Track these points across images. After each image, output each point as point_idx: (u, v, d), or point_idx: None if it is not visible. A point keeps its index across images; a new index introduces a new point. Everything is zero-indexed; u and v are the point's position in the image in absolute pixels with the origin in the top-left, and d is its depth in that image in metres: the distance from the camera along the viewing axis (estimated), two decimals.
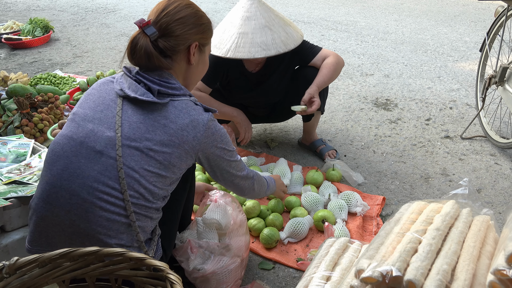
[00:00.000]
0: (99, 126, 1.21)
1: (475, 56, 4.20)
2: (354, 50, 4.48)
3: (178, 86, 1.27)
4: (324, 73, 2.12)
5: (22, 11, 6.75)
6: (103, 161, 1.17)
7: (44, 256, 0.99)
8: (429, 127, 2.82)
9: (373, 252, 0.96)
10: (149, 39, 1.23)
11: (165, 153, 1.20)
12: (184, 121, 1.23)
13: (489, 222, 1.09)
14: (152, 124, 1.20)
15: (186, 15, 1.29)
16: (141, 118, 1.21)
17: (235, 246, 1.50)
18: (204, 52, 1.40)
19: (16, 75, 3.32)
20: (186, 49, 1.31)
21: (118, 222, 1.17)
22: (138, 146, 1.18)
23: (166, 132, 1.20)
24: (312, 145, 2.51)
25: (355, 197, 1.99)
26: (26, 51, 4.66)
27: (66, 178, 1.16)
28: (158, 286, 1.02)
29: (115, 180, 1.16)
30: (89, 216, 1.15)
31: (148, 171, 1.19)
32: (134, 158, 1.18)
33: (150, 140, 1.19)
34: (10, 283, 0.97)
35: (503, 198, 2.09)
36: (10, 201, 1.49)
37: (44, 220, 1.19)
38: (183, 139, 1.22)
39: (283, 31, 2.06)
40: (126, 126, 1.20)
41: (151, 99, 1.20)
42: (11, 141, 2.01)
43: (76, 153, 1.18)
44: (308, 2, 7.11)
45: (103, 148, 1.18)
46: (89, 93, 1.32)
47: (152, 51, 1.22)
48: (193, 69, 1.38)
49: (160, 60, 1.24)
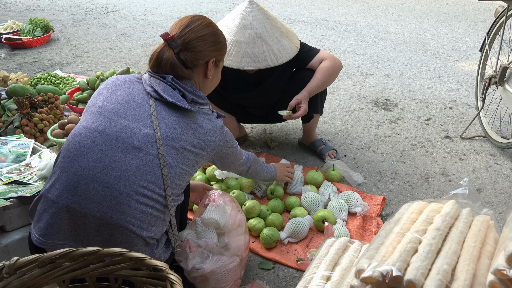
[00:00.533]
0: (134, 123, 1.28)
1: (475, 56, 4.20)
2: (354, 50, 4.48)
3: (203, 95, 1.42)
4: (317, 78, 2.12)
5: (22, 11, 6.75)
6: (142, 157, 1.24)
7: (44, 256, 0.99)
8: (429, 127, 2.82)
9: (373, 252, 0.96)
10: (173, 51, 1.36)
11: (194, 153, 1.35)
12: (208, 126, 1.39)
13: (489, 222, 1.09)
14: (185, 127, 1.33)
15: (207, 33, 1.43)
16: (176, 120, 1.32)
17: (234, 245, 1.50)
18: (218, 67, 1.54)
19: (16, 75, 3.32)
20: (204, 64, 1.46)
21: (152, 215, 1.24)
22: (175, 145, 1.29)
23: (196, 136, 1.35)
24: (312, 145, 2.51)
25: (355, 197, 1.99)
26: (26, 51, 4.66)
27: (99, 170, 1.20)
28: (158, 286, 1.02)
29: (157, 176, 1.25)
30: (124, 208, 1.19)
31: (182, 169, 1.31)
32: (172, 156, 1.28)
33: (184, 140, 1.32)
34: (10, 283, 0.97)
35: (503, 198, 2.09)
36: (10, 201, 1.49)
37: (69, 212, 1.19)
38: (207, 142, 1.39)
39: (278, 44, 2.05)
40: (163, 126, 1.30)
41: (187, 106, 1.33)
42: (11, 141, 2.01)
43: (111, 146, 1.23)
44: (308, 2, 7.11)
45: (142, 144, 1.25)
46: (113, 89, 1.38)
47: (177, 63, 1.36)
48: (208, 82, 1.53)
49: (182, 70, 1.38)
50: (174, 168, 1.29)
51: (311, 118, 2.37)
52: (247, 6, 2.06)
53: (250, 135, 2.75)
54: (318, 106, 2.29)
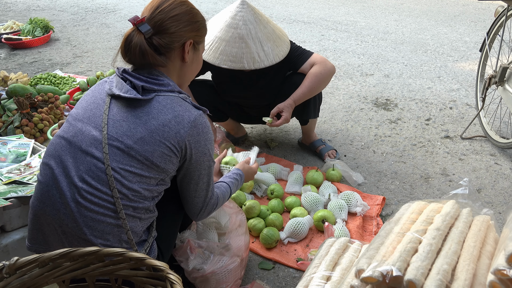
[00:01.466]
0: (87, 125, 1.22)
1: (475, 56, 4.20)
2: (354, 50, 4.48)
3: (166, 82, 1.25)
4: (305, 85, 2.12)
5: (22, 11, 6.75)
6: (88, 161, 1.17)
7: (44, 256, 0.99)
8: (429, 127, 2.82)
9: (373, 252, 0.96)
10: (143, 36, 1.21)
11: (146, 151, 1.17)
12: (167, 116, 1.20)
13: (489, 222, 1.09)
14: (134, 121, 1.19)
15: (181, 12, 1.27)
16: (124, 116, 1.20)
17: (235, 245, 1.50)
18: (198, 50, 1.38)
19: (16, 75, 3.32)
20: (180, 47, 1.29)
21: (104, 223, 1.16)
22: (119, 145, 1.17)
23: (147, 129, 1.18)
24: (312, 145, 2.51)
25: (355, 197, 1.99)
26: (26, 51, 4.66)
27: (56, 177, 1.17)
28: (158, 286, 1.02)
29: (101, 180, 1.15)
30: (76, 216, 1.15)
31: (129, 172, 1.17)
32: (116, 158, 1.16)
33: (130, 137, 1.17)
34: (10, 283, 0.97)
35: (503, 198, 2.09)
36: (10, 201, 1.49)
37: (39, 219, 1.20)
38: (164, 135, 1.18)
39: (259, 48, 2.04)
40: (111, 124, 1.19)
41: (134, 95, 1.19)
42: (11, 141, 2.01)
43: (66, 151, 1.20)
44: (308, 2, 7.11)
45: (88, 147, 1.18)
46: (86, 93, 1.34)
47: (147, 49, 1.20)
48: (187, 67, 1.36)
49: (154, 57, 1.22)
50: (118, 172, 1.16)
51: (307, 121, 2.37)
52: (238, 6, 2.06)
53: (250, 135, 2.75)
54: (311, 111, 2.29)
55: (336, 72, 2.34)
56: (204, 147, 1.27)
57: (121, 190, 1.16)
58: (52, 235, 1.19)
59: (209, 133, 1.28)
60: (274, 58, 2.08)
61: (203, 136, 1.26)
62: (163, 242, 1.36)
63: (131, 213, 1.19)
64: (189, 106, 1.25)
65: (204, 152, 1.27)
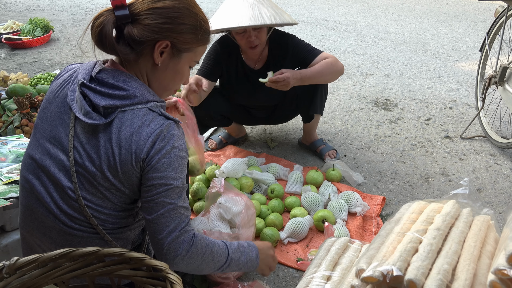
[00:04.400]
0: (54, 147, 1.10)
1: (475, 56, 4.20)
2: (354, 50, 4.48)
3: (132, 93, 1.07)
4: (315, 67, 2.08)
5: (22, 11, 6.74)
6: (59, 190, 1.10)
7: (44, 256, 0.99)
8: (429, 127, 2.82)
9: (374, 252, 0.96)
10: (114, 19, 1.06)
11: (108, 177, 1.07)
12: (127, 133, 1.05)
13: (490, 222, 1.09)
14: (95, 145, 1.06)
15: (167, 6, 1.09)
16: (86, 138, 1.07)
17: (245, 236, 1.54)
18: (179, 58, 1.16)
19: (16, 75, 3.32)
20: (151, 46, 1.11)
21: (92, 243, 1.13)
22: (84, 173, 1.07)
23: (108, 155, 1.05)
24: (312, 145, 2.51)
25: (355, 197, 1.99)
26: (26, 51, 4.66)
27: (34, 202, 1.13)
28: (158, 286, 1.01)
29: (76, 209, 1.10)
30: (62, 242, 1.13)
31: (100, 199, 1.10)
32: (85, 187, 1.08)
33: (92, 163, 1.07)
34: (10, 283, 0.97)
35: (503, 198, 2.09)
36: (10, 201, 1.49)
37: (28, 242, 1.21)
38: (125, 158, 1.05)
39: (275, 8, 2.02)
40: (76, 148, 1.08)
41: (92, 121, 1.05)
42: (11, 141, 2.01)
43: (37, 176, 1.12)
44: (308, 2, 7.11)
45: (57, 174, 1.09)
46: (48, 98, 1.17)
47: (107, 32, 1.05)
48: (159, 72, 1.16)
49: (113, 44, 1.06)
50: (91, 200, 1.09)
51: (311, 118, 2.37)
52: None
53: (250, 135, 2.75)
54: (318, 106, 2.28)
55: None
56: (167, 168, 1.07)
57: (99, 216, 1.11)
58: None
59: (177, 147, 1.09)
60: (290, 19, 2.04)
61: (174, 157, 1.08)
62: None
63: (116, 233, 1.16)
64: (156, 115, 1.08)
65: (169, 175, 1.07)
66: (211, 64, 2.18)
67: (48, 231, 1.14)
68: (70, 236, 1.13)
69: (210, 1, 7.11)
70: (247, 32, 2.02)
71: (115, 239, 1.17)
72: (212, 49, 2.24)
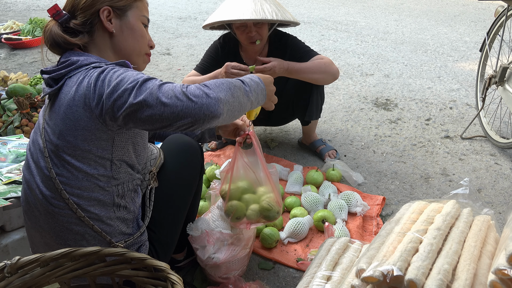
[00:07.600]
0: (36, 135, 1.19)
1: (475, 56, 4.20)
2: (354, 50, 4.48)
3: (75, 60, 1.12)
4: (305, 63, 2.09)
5: (22, 11, 6.74)
6: (39, 172, 1.15)
7: (45, 255, 0.99)
8: (429, 127, 2.82)
9: (374, 252, 0.97)
10: (58, 23, 1.15)
11: (70, 142, 1.09)
12: (72, 91, 1.08)
13: (490, 222, 1.09)
14: (54, 117, 1.12)
15: None
16: (49, 115, 1.14)
17: (246, 236, 1.55)
18: (126, 16, 1.22)
19: (16, 75, 3.32)
20: (97, 19, 1.18)
21: (71, 231, 1.14)
22: (51, 147, 1.11)
23: (61, 118, 1.09)
24: (312, 145, 2.51)
25: (355, 197, 1.99)
26: (26, 51, 4.66)
27: (28, 194, 1.20)
28: (159, 286, 1.02)
29: (52, 189, 1.12)
30: (56, 228, 1.16)
31: (70, 171, 1.11)
32: (54, 161, 1.12)
33: (54, 135, 1.10)
34: (11, 283, 0.97)
35: (503, 198, 2.09)
36: (10, 201, 1.49)
37: (32, 238, 1.25)
38: (75, 116, 1.07)
39: (277, 5, 2.04)
40: (45, 127, 1.15)
41: (44, 93, 1.14)
42: (11, 141, 2.01)
43: (27, 166, 1.21)
44: (308, 2, 7.11)
45: (35, 157, 1.16)
46: None
47: (56, 31, 1.13)
48: (118, 37, 1.21)
49: (67, 40, 1.14)
50: (60, 175, 1.11)
51: (309, 122, 2.38)
52: None
53: None
54: (313, 112, 2.29)
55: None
56: (109, 80, 1.04)
57: (72, 191, 1.11)
58: (41, 248, 1.22)
59: (111, 65, 1.10)
60: (292, 17, 2.07)
61: (110, 75, 1.05)
62: (163, 243, 1.34)
63: (90, 212, 1.14)
64: (97, 68, 1.09)
65: (111, 81, 1.04)
66: (209, 62, 2.22)
67: (43, 220, 1.17)
68: (53, 219, 1.15)
69: (210, 1, 7.11)
70: (248, 27, 2.03)
71: (92, 219, 1.13)
72: (212, 47, 2.25)
